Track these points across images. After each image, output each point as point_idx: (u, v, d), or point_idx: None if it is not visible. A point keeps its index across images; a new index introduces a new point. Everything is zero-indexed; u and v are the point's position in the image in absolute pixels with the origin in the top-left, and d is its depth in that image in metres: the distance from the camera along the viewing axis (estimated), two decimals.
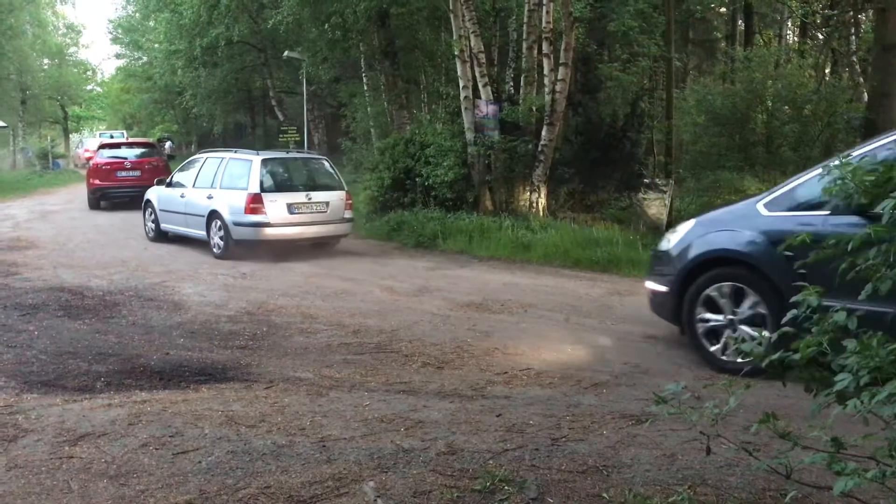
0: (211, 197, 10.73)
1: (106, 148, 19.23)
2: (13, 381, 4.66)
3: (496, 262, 10.16)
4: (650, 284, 5.74)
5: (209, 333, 6.05)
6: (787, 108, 14.09)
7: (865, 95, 14.98)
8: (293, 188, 10.71)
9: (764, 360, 2.08)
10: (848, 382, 1.87)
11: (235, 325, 6.36)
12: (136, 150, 19.13)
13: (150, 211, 12.43)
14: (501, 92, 13.36)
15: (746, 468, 3.09)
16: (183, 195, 11.49)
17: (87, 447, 3.47)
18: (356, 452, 3.39)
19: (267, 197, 10.14)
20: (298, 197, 10.47)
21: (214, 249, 10.58)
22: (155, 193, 12.39)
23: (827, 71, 19.97)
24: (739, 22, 23.32)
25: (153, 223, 12.33)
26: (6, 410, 4.03)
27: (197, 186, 11.25)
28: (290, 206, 10.29)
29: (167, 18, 25.28)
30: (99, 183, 17.65)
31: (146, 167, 17.55)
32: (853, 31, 19.93)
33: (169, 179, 12.30)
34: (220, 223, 10.46)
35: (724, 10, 23.68)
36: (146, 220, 12.61)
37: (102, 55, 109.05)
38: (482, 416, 3.98)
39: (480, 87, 12.39)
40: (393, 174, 13.31)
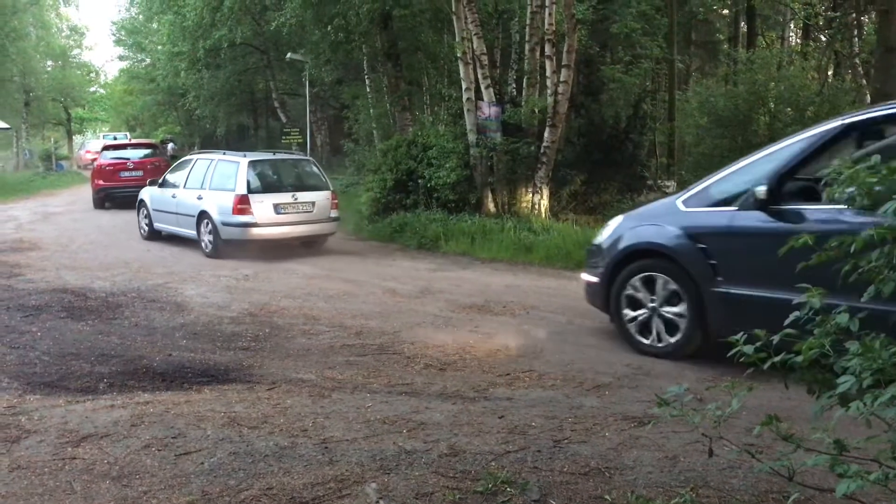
0: (201, 198, 10.95)
1: (110, 149, 19.67)
2: (16, 382, 4.68)
3: (498, 263, 10.15)
4: (585, 276, 6.12)
5: (212, 335, 6.06)
6: (789, 109, 14.02)
7: (868, 97, 14.95)
8: (280, 189, 10.90)
9: (766, 362, 2.08)
10: (850, 384, 1.86)
11: (238, 326, 6.37)
12: (139, 151, 19.57)
13: (143, 210, 12.71)
14: (504, 94, 13.35)
15: (749, 470, 3.09)
16: (174, 195, 11.72)
17: (89, 448, 3.48)
18: (358, 454, 3.39)
19: (254, 198, 10.36)
20: (285, 197, 10.67)
21: (204, 248, 10.78)
22: (148, 193, 12.67)
23: (830, 73, 19.93)
24: (742, 24, 23.25)
25: (146, 222, 12.61)
26: (9, 411, 4.05)
27: (188, 187, 11.46)
28: (276, 206, 10.49)
29: (170, 20, 25.31)
30: (103, 183, 18.01)
31: (148, 168, 17.77)
32: (856, 32, 19.92)
33: (161, 180, 12.50)
34: (209, 223, 10.68)
35: (726, 11, 23.68)
36: (140, 218, 12.92)
37: (106, 57, 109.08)
38: (484, 417, 3.98)
39: (483, 88, 12.38)
40: (395, 176, 13.31)
